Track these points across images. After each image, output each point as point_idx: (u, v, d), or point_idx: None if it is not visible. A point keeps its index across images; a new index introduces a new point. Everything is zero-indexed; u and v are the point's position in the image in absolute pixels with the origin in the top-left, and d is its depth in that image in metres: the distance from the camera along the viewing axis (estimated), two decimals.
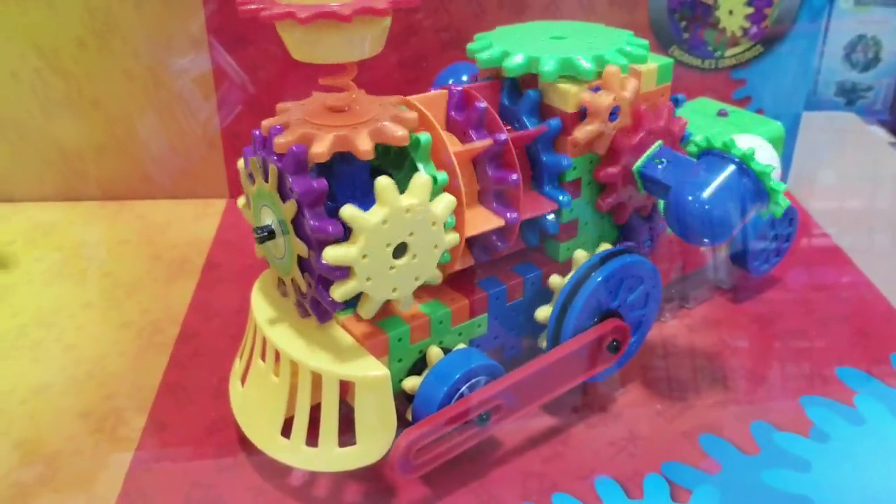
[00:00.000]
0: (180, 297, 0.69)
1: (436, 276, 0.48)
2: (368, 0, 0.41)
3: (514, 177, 0.49)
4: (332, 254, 0.42)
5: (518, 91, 0.53)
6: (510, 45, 0.52)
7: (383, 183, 0.42)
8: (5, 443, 0.54)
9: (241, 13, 0.42)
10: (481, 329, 0.53)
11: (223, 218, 0.82)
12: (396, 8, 0.42)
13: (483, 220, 0.49)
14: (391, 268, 0.44)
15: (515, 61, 0.50)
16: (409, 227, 0.43)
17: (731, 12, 0.81)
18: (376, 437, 0.46)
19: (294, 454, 0.47)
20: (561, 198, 0.52)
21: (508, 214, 0.50)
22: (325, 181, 0.43)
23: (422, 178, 0.44)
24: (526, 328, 0.56)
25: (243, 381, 0.52)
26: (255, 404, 0.50)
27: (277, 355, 0.49)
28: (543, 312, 0.54)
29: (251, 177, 0.47)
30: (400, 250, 0.44)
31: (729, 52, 0.82)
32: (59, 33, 0.78)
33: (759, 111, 0.84)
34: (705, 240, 0.50)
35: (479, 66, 0.53)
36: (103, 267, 0.74)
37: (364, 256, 0.42)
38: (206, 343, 0.63)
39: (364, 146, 0.43)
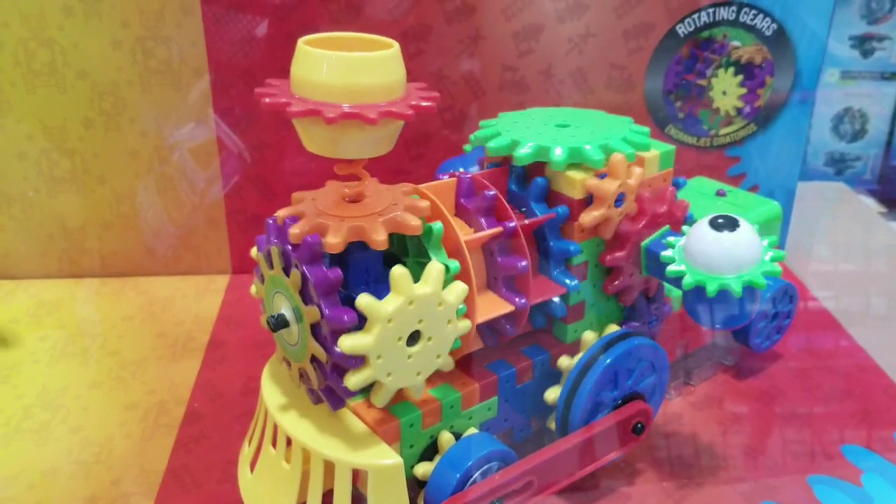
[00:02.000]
0: (185, 376, 0.69)
1: (449, 364, 0.48)
2: (392, 105, 0.42)
3: (524, 264, 0.50)
4: (349, 343, 0.42)
5: (526, 177, 0.54)
6: (517, 133, 0.54)
7: (398, 272, 0.43)
8: None
9: (265, 106, 0.43)
10: (491, 412, 0.53)
11: (226, 294, 0.83)
12: (419, 114, 0.43)
13: (493, 306, 0.50)
14: (405, 356, 0.45)
15: (525, 151, 0.52)
16: (423, 315, 0.44)
17: (724, 93, 0.83)
18: None
19: None
20: (569, 282, 0.53)
21: (518, 300, 0.50)
22: (339, 271, 0.44)
23: (436, 267, 0.44)
24: (535, 410, 0.56)
25: (252, 466, 0.52)
26: (265, 491, 0.50)
27: (288, 442, 0.49)
28: (553, 394, 0.54)
29: (269, 261, 0.48)
30: (413, 338, 0.45)
31: (723, 131, 0.85)
32: (67, 114, 0.80)
33: (753, 188, 0.86)
34: (717, 326, 0.51)
35: (489, 154, 0.54)
36: (107, 345, 0.74)
37: (379, 345, 0.43)
38: (212, 425, 0.63)
39: (379, 237, 0.44)
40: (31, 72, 0.77)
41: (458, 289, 0.46)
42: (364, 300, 0.42)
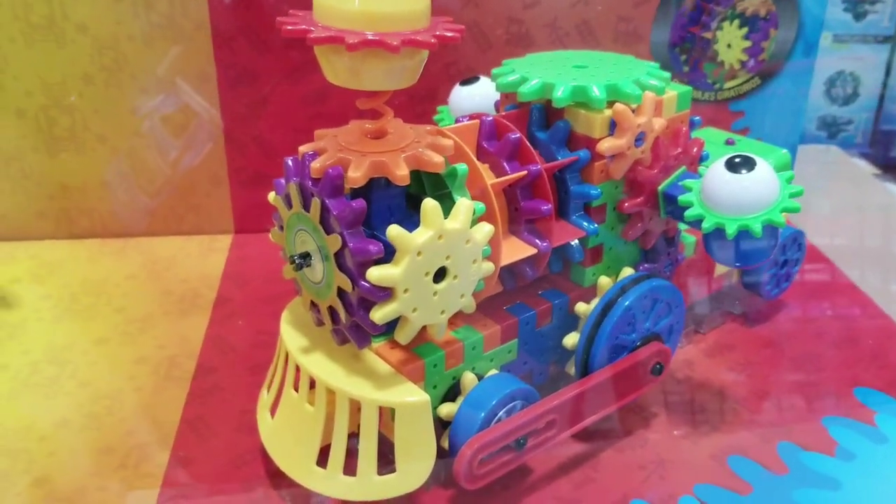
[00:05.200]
0: (194, 331, 0.69)
1: (471, 304, 0.48)
2: (415, 34, 0.42)
3: (547, 207, 0.50)
4: (377, 274, 0.42)
5: (545, 119, 0.54)
6: (543, 77, 0.53)
7: (430, 205, 0.43)
8: (26, 480, 0.52)
9: (286, 33, 0.42)
10: (511, 355, 0.53)
11: (230, 253, 0.82)
12: (442, 44, 0.42)
13: (516, 249, 0.50)
14: (431, 292, 0.44)
15: (562, 93, 0.51)
16: (450, 252, 0.44)
17: (729, 46, 0.83)
18: (417, 463, 0.46)
19: (331, 484, 0.47)
20: (588, 226, 0.53)
21: (540, 243, 0.50)
22: (363, 201, 0.44)
23: (465, 204, 0.44)
24: (553, 354, 0.56)
25: (273, 411, 0.52)
26: (287, 435, 0.50)
27: (311, 384, 0.48)
28: (572, 339, 0.54)
29: (288, 202, 0.47)
30: (439, 275, 0.44)
31: (728, 85, 0.84)
32: (67, 70, 0.78)
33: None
34: (737, 264, 0.51)
35: (521, 99, 0.53)
36: (113, 303, 0.73)
37: (407, 277, 0.43)
38: (224, 377, 0.63)
39: (400, 171, 0.44)
40: (29, 26, 0.76)
41: (486, 229, 0.45)
42: (395, 231, 0.42)
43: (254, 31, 0.79)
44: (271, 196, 0.50)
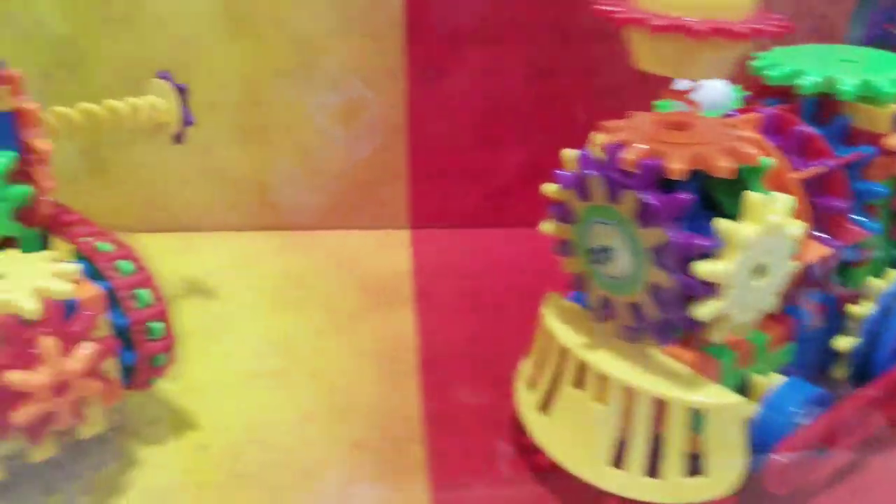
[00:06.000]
0: (403, 325, 0.68)
1: (777, 304, 0.46)
2: (756, 22, 0.41)
3: (845, 205, 0.48)
4: (706, 269, 0.41)
5: (818, 114, 0.52)
6: (818, 70, 0.51)
7: (755, 198, 0.41)
8: (290, 473, 0.52)
9: (619, 21, 0.42)
10: (788, 357, 0.51)
11: (414, 248, 0.82)
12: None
13: (814, 248, 0.48)
14: (750, 290, 0.43)
15: (849, 86, 0.50)
16: (772, 247, 0.42)
17: None
18: (728, 468, 0.44)
19: (631, 484, 0.45)
20: (873, 225, 0.51)
21: (834, 242, 0.49)
22: (690, 194, 0.42)
23: (783, 198, 0.43)
24: (818, 356, 0.54)
25: (545, 410, 0.50)
26: (572, 434, 0.48)
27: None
28: (846, 342, 0.52)
29: (582, 193, 0.46)
30: (758, 272, 0.43)
31: None
32: (261, 65, 0.78)
33: None
34: None
35: (801, 92, 0.51)
36: (315, 295, 0.73)
37: (737, 273, 0.41)
38: (452, 371, 0.62)
39: (725, 164, 0.42)
40: (230, 20, 0.76)
41: (798, 225, 0.44)
42: (725, 224, 0.41)
43: (447, 28, 0.78)
44: (552, 188, 0.49)
